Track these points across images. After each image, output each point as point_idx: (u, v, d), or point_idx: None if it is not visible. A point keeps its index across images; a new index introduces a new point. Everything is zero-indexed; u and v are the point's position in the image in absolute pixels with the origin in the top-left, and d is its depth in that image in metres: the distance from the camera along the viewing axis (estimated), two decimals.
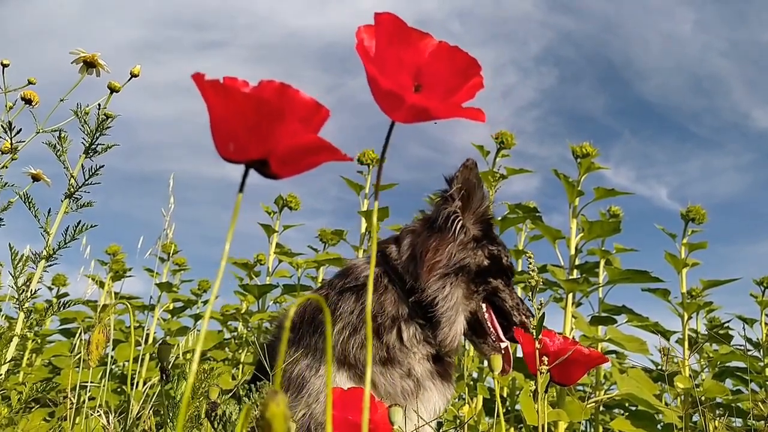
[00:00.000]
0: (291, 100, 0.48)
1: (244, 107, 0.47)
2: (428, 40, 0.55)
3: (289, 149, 0.49)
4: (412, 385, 1.57)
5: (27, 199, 1.47)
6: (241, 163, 0.52)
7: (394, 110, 0.54)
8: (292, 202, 3.68)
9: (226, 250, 0.50)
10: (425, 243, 1.64)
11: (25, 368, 3.27)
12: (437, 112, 0.53)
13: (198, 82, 0.48)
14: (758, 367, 3.19)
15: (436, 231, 1.66)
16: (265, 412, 0.44)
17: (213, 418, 1.02)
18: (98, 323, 1.23)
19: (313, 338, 1.57)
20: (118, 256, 4.01)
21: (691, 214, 3.03)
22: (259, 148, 0.49)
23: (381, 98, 0.54)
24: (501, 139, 2.96)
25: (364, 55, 0.53)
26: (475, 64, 0.54)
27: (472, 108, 0.53)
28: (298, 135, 0.48)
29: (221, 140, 0.51)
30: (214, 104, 0.49)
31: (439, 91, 0.55)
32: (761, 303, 3.34)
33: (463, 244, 1.65)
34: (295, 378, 1.54)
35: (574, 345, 1.07)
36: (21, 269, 1.38)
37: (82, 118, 1.50)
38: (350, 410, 0.92)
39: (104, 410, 1.70)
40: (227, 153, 0.51)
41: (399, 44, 0.54)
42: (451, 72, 0.55)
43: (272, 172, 0.52)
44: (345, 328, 1.55)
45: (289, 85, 0.48)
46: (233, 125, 0.49)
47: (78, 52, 1.67)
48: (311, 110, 0.48)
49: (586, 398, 2.76)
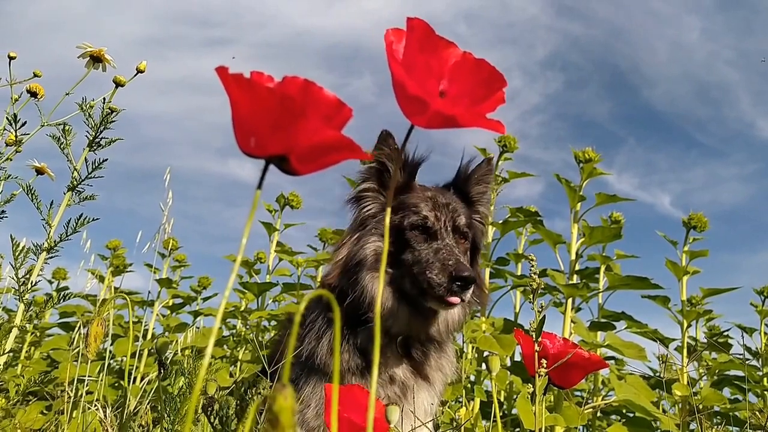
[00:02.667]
0: (314, 97, 0.48)
1: (267, 102, 0.47)
2: (453, 49, 0.55)
3: (310, 146, 0.49)
4: (398, 390, 1.59)
5: (30, 191, 1.47)
6: (261, 158, 0.51)
7: (417, 115, 0.54)
8: (293, 201, 3.69)
9: (242, 245, 0.49)
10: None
11: (23, 361, 3.27)
12: (461, 121, 0.53)
13: (222, 75, 0.47)
14: (757, 376, 3.18)
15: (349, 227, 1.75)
16: (273, 406, 0.44)
17: (210, 413, 1.02)
18: (97, 316, 1.23)
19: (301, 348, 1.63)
20: (118, 251, 4.02)
21: (693, 222, 3.03)
22: (280, 144, 0.49)
23: (405, 102, 0.54)
24: (504, 143, 2.97)
25: (393, 58, 0.53)
26: (500, 78, 0.55)
27: (492, 119, 0.53)
28: (320, 132, 0.48)
29: (242, 134, 0.51)
30: (237, 98, 0.49)
31: (464, 100, 0.55)
32: (761, 312, 3.34)
33: (364, 225, 1.69)
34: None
35: (574, 348, 1.07)
36: (22, 260, 1.38)
37: (86, 111, 1.51)
38: (348, 410, 0.92)
39: (101, 404, 1.70)
40: (248, 147, 0.51)
41: (428, 50, 0.55)
42: (476, 82, 0.55)
43: (292, 168, 0.51)
44: (321, 339, 1.62)
45: (313, 82, 0.47)
46: (255, 120, 0.49)
47: (85, 46, 1.67)
48: (334, 108, 0.48)
49: (583, 404, 2.75)
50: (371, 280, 1.61)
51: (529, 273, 1.10)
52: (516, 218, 2.96)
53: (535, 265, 1.09)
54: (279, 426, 0.44)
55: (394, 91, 0.54)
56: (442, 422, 2.23)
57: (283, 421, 0.44)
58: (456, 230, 1.68)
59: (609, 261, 3.04)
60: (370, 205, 1.71)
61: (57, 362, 3.43)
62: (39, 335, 3.81)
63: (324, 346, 1.59)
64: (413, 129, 0.56)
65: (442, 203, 1.68)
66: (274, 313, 3.54)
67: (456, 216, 1.69)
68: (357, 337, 1.62)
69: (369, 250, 1.64)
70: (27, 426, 2.21)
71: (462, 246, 1.70)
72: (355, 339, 1.62)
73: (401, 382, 1.60)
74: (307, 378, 1.59)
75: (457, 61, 0.55)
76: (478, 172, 1.84)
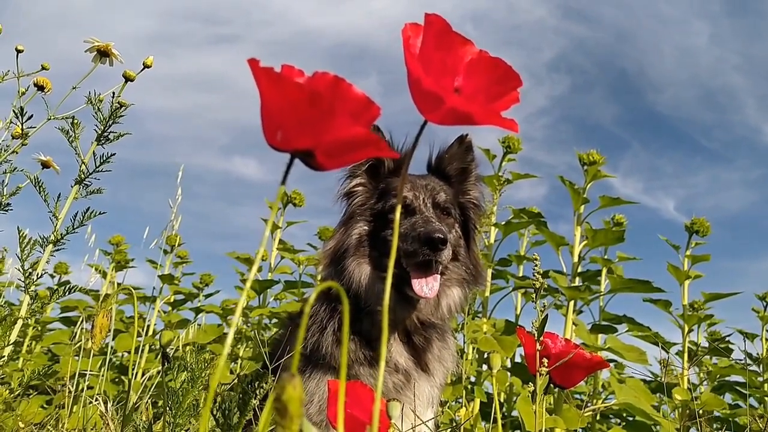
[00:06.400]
0: (343, 94, 0.48)
1: (296, 97, 0.47)
2: (470, 46, 0.55)
3: (336, 142, 0.49)
4: (402, 378, 1.60)
5: (38, 183, 1.48)
6: (287, 152, 0.51)
7: (432, 111, 0.54)
8: (296, 199, 3.69)
9: (265, 237, 0.50)
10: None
11: (24, 355, 3.28)
12: (476, 118, 0.53)
13: (253, 67, 0.47)
14: (757, 382, 3.18)
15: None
16: (281, 395, 0.44)
17: (212, 407, 1.03)
18: (102, 309, 1.23)
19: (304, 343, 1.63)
20: (121, 246, 4.03)
21: (695, 227, 3.03)
22: (307, 139, 0.49)
23: (420, 97, 0.54)
24: (507, 144, 2.97)
25: (409, 54, 0.53)
26: (516, 77, 0.54)
27: (508, 118, 0.53)
28: (347, 128, 0.48)
29: (270, 128, 0.51)
30: (267, 92, 0.49)
31: (479, 98, 0.55)
32: (762, 318, 3.33)
33: (352, 217, 1.71)
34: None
35: (575, 348, 1.07)
36: (28, 252, 1.39)
37: (96, 105, 1.51)
38: (350, 405, 0.92)
39: (103, 399, 1.71)
40: (274, 141, 0.51)
41: (444, 47, 0.54)
42: (492, 80, 0.55)
43: (317, 164, 0.51)
44: (325, 330, 1.62)
45: (342, 78, 0.47)
46: (283, 114, 0.49)
47: (92, 41, 1.68)
48: (362, 106, 0.48)
49: (583, 406, 2.75)
50: (356, 265, 1.63)
51: (532, 274, 1.10)
52: (519, 219, 2.96)
53: (538, 264, 1.09)
54: (287, 415, 0.44)
55: (409, 86, 0.54)
56: (441, 422, 2.23)
57: (291, 410, 0.44)
58: (436, 206, 1.69)
59: (611, 264, 3.04)
60: (358, 198, 1.74)
61: (58, 356, 3.44)
62: (41, 329, 3.82)
63: (329, 337, 1.59)
64: (426, 125, 0.56)
65: (421, 184, 1.71)
66: (275, 310, 3.55)
67: (435, 194, 1.71)
68: (361, 325, 1.62)
69: (354, 236, 1.67)
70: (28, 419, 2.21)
71: (446, 222, 1.70)
72: (360, 327, 1.62)
73: (404, 370, 1.61)
74: (310, 372, 1.58)
75: (473, 59, 0.55)
76: (450, 150, 1.85)
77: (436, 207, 1.68)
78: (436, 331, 1.72)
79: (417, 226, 1.57)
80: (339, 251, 1.67)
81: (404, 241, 1.57)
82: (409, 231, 1.58)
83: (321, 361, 1.59)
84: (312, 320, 1.66)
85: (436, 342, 1.71)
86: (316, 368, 1.59)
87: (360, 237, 1.67)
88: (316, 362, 1.60)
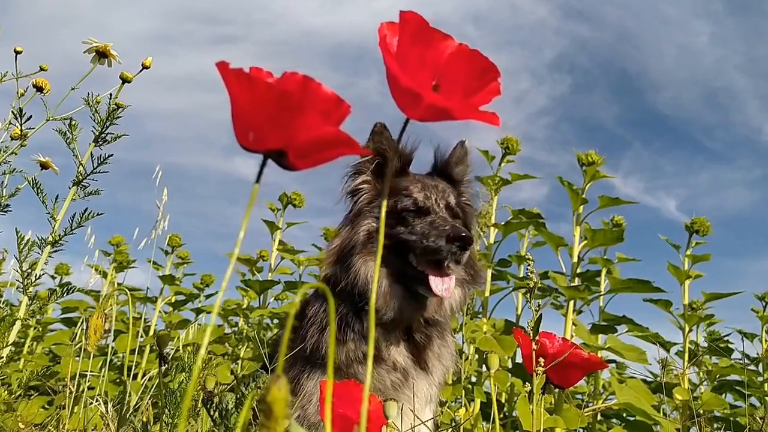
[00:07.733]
0: (313, 93, 0.48)
1: (266, 97, 0.47)
2: (449, 41, 0.55)
3: (307, 141, 0.49)
4: (400, 376, 1.60)
5: (36, 185, 1.49)
6: (259, 153, 0.51)
7: (411, 108, 0.54)
8: (296, 200, 3.70)
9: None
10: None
11: (25, 355, 3.29)
12: (455, 113, 0.53)
13: (222, 70, 0.48)
14: (757, 382, 3.17)
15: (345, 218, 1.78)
16: (266, 396, 0.45)
17: (209, 407, 1.03)
18: (97, 309, 1.24)
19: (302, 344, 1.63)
20: (121, 247, 4.04)
21: (696, 226, 3.02)
22: (278, 139, 0.49)
23: (399, 95, 0.54)
24: (506, 145, 2.97)
25: (386, 52, 0.53)
26: (494, 69, 0.55)
27: (487, 111, 0.53)
28: (318, 128, 0.48)
29: (241, 129, 0.51)
30: (237, 93, 0.49)
31: (458, 92, 0.55)
32: (762, 318, 3.33)
33: (358, 215, 1.71)
34: (289, 380, 1.58)
35: (573, 347, 1.07)
36: (27, 254, 1.39)
37: (93, 106, 1.52)
38: (343, 405, 0.92)
39: (103, 400, 1.71)
40: (246, 142, 0.51)
41: (421, 43, 0.55)
42: (470, 74, 0.55)
43: (290, 163, 0.52)
44: (325, 331, 1.63)
45: (312, 78, 0.48)
46: (254, 115, 0.49)
47: (91, 41, 1.68)
48: (332, 104, 0.49)
49: (583, 406, 2.75)
50: (363, 263, 1.63)
51: (527, 274, 1.10)
52: (518, 220, 2.96)
53: (532, 265, 1.10)
54: (272, 416, 0.45)
55: (388, 84, 0.54)
56: (441, 422, 2.23)
57: (276, 411, 0.44)
58: (448, 207, 1.71)
59: (610, 264, 3.04)
60: (365, 195, 1.74)
61: (59, 357, 3.44)
62: (41, 330, 3.83)
63: (329, 337, 1.60)
64: (408, 122, 0.56)
65: (431, 185, 1.73)
66: (275, 311, 3.55)
67: (446, 195, 1.74)
68: (363, 324, 1.62)
69: (362, 233, 1.66)
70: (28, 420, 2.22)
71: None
72: (361, 326, 1.62)
73: (402, 368, 1.61)
74: (310, 373, 1.59)
75: (452, 53, 0.55)
76: (455, 154, 1.89)
77: (447, 208, 1.71)
78: (436, 329, 1.72)
79: (438, 225, 1.58)
80: (346, 248, 1.67)
81: (425, 238, 1.57)
82: (429, 230, 1.58)
83: (321, 362, 1.59)
84: (312, 321, 1.66)
85: (436, 340, 1.72)
86: (316, 369, 1.60)
87: (369, 234, 1.67)
88: (315, 363, 1.60)
